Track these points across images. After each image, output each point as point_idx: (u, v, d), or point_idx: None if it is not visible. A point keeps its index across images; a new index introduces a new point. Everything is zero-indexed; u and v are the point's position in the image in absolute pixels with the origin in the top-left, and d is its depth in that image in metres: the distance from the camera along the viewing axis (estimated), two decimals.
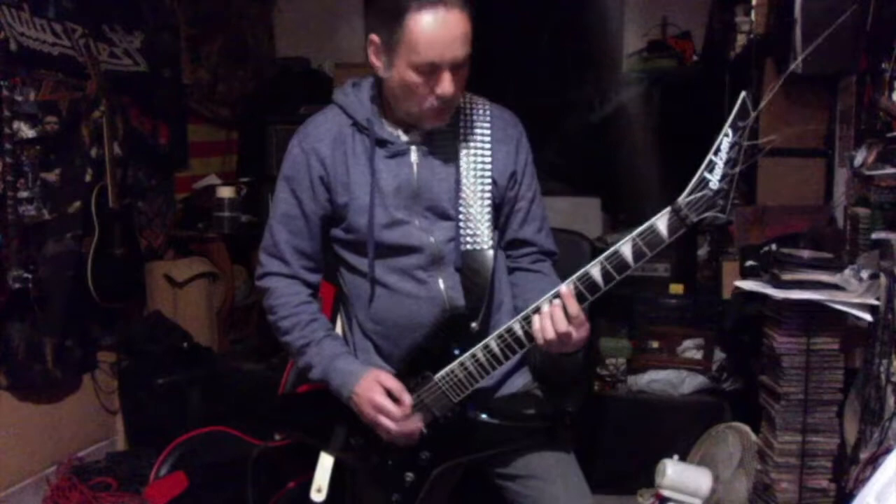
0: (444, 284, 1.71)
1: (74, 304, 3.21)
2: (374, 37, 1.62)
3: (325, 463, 1.76)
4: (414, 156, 1.70)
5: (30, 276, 2.91)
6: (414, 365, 1.70)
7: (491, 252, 1.71)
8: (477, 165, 1.73)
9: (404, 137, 1.71)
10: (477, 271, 1.65)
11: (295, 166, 1.74)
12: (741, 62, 3.41)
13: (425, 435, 1.68)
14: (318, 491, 1.74)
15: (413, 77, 1.57)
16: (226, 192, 3.98)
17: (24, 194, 2.97)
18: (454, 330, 1.67)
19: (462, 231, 1.71)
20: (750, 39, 3.26)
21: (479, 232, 1.71)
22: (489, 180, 1.73)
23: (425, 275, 1.71)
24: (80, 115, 3.28)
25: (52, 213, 3.12)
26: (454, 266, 1.71)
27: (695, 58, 4.26)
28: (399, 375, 1.69)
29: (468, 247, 1.71)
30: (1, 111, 2.83)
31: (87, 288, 3.20)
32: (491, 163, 1.74)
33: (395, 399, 1.64)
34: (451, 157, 1.71)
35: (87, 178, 3.31)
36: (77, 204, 3.24)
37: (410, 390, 1.67)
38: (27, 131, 2.98)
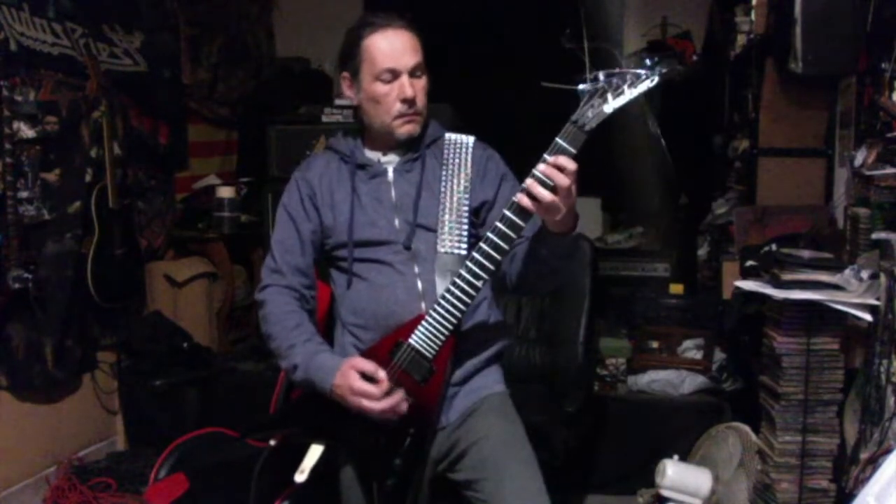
0: (420, 276, 1.80)
1: (74, 304, 3.21)
2: (344, 73, 1.89)
3: (315, 449, 1.81)
4: (391, 175, 1.88)
5: (30, 276, 2.91)
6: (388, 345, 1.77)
7: (466, 256, 1.78)
8: (458, 184, 1.85)
9: (382, 160, 1.90)
10: (451, 272, 1.73)
11: (290, 194, 1.94)
12: (741, 62, 3.41)
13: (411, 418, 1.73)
14: (301, 472, 1.78)
15: (378, 88, 1.81)
16: (226, 192, 3.98)
17: (24, 194, 2.97)
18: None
19: (440, 238, 1.82)
20: (750, 39, 3.26)
21: (457, 239, 1.82)
22: (467, 196, 1.85)
23: (402, 267, 1.82)
24: (80, 115, 3.28)
25: (52, 213, 3.12)
26: (430, 264, 1.81)
27: (695, 58, 4.26)
28: (373, 356, 1.75)
29: (445, 249, 1.81)
30: (1, 111, 2.83)
31: (87, 288, 3.20)
32: (483, 175, 1.87)
33: (372, 379, 1.71)
34: (430, 178, 1.87)
35: (87, 178, 3.31)
36: (77, 204, 3.24)
37: (386, 362, 1.72)
38: (27, 131, 2.98)
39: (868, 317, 2.21)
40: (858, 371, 2.34)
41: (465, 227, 1.83)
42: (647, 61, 1.54)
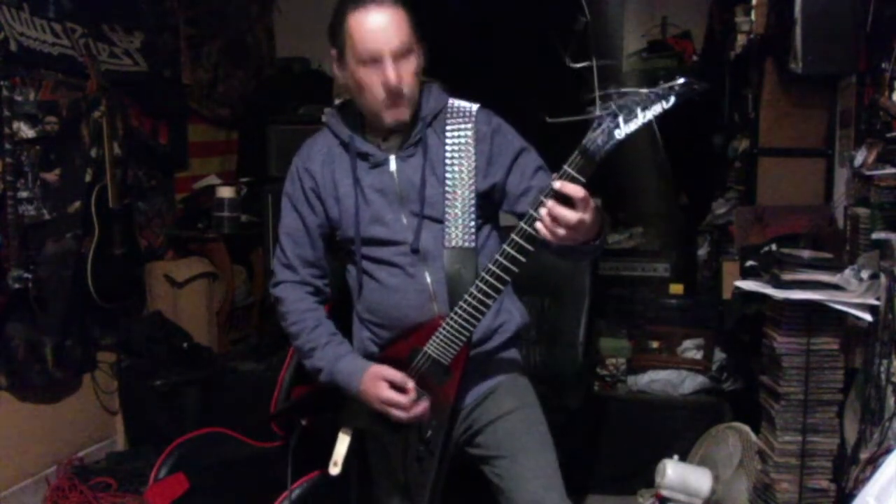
0: (430, 278, 1.77)
1: (74, 304, 3.22)
2: (332, 50, 1.78)
3: (344, 439, 1.86)
4: (393, 165, 1.79)
5: (30, 276, 2.91)
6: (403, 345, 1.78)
7: (475, 250, 1.76)
8: (463, 166, 1.77)
9: (383, 146, 1.81)
10: (461, 269, 1.72)
11: (293, 183, 1.88)
12: (741, 62, 3.41)
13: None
14: (335, 465, 1.83)
15: (361, 73, 1.71)
16: (226, 192, 3.98)
17: (24, 194, 2.97)
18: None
19: (447, 231, 1.77)
20: (750, 39, 3.26)
21: (465, 232, 1.77)
22: (473, 180, 1.77)
23: (412, 269, 1.78)
24: (80, 115, 3.28)
25: (52, 213, 3.12)
26: (440, 263, 1.77)
27: (695, 58, 4.26)
28: (393, 357, 1.76)
29: (453, 244, 1.77)
30: (1, 111, 2.83)
31: (87, 288, 3.20)
32: (490, 155, 1.79)
33: (400, 388, 1.72)
34: (434, 162, 1.78)
35: (87, 178, 3.31)
36: (77, 204, 3.24)
37: (405, 364, 1.74)
38: (27, 131, 2.98)
39: (868, 317, 2.21)
40: (858, 371, 2.34)
41: (473, 215, 1.76)
42: (663, 81, 1.44)
